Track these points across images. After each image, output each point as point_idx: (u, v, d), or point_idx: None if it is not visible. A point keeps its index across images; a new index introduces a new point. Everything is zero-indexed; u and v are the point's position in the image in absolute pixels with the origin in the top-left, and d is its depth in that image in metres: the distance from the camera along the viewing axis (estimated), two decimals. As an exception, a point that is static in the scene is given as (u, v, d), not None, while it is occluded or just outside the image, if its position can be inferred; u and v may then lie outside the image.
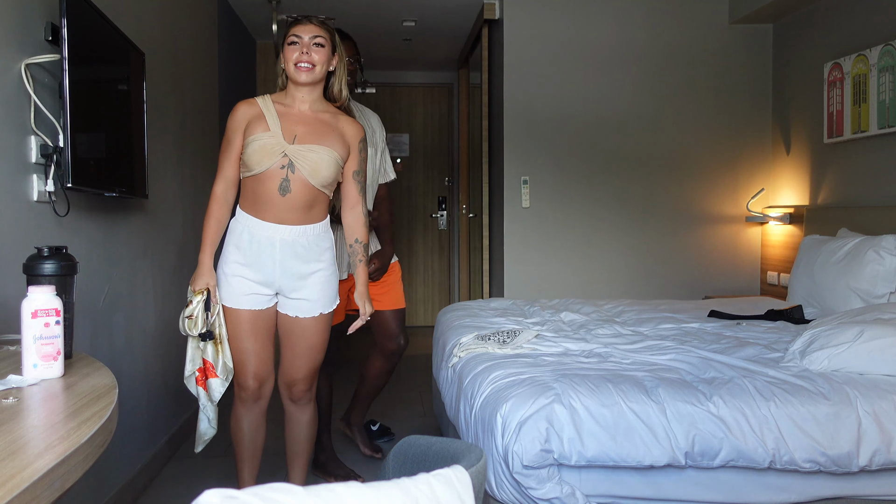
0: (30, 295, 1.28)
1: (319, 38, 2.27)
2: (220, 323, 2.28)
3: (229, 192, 2.31)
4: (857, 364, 2.23)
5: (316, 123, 2.30)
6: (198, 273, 2.27)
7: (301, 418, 2.51)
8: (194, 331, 2.23)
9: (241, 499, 0.80)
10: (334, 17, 2.51)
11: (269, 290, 2.32)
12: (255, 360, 2.33)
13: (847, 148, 3.82)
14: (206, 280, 2.25)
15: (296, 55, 2.24)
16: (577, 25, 4.54)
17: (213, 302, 2.26)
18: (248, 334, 2.31)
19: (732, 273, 4.64)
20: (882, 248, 3.05)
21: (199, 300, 2.23)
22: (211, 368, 2.28)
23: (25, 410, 1.11)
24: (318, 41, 2.27)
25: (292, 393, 2.46)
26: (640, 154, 4.58)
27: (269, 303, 2.34)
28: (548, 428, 1.97)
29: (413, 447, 1.20)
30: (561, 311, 3.45)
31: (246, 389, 2.36)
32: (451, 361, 2.68)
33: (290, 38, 2.27)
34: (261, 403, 2.41)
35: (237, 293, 2.29)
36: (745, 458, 1.99)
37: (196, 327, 2.22)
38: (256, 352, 2.33)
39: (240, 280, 2.28)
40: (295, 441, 2.53)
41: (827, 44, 4.00)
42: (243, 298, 2.29)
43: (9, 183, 1.93)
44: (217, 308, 2.27)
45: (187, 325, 2.23)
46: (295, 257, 2.28)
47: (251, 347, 2.32)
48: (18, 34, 1.97)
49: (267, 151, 2.22)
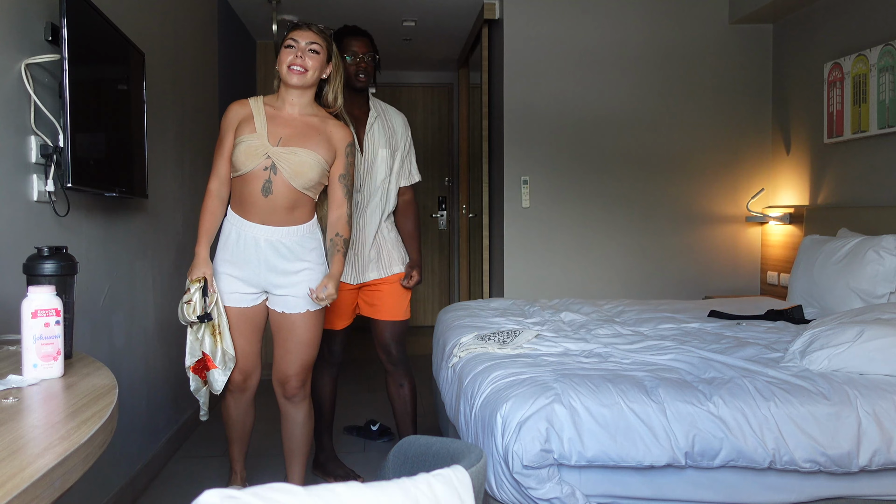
0: (30, 295, 1.28)
1: (315, 44, 2.35)
2: (218, 312, 2.35)
3: (223, 188, 2.40)
4: (857, 364, 2.23)
5: (303, 127, 2.38)
6: (194, 264, 2.36)
7: (296, 416, 2.55)
8: (193, 315, 2.30)
9: (241, 499, 0.80)
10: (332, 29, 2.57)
11: (254, 289, 2.41)
12: (241, 355, 2.44)
13: (847, 148, 3.82)
14: (202, 269, 2.34)
15: (290, 58, 2.33)
16: (578, 25, 4.54)
17: (211, 290, 2.33)
18: (236, 332, 2.41)
19: (732, 273, 4.64)
20: (882, 248, 3.05)
21: (196, 287, 2.32)
22: (210, 360, 2.35)
23: (25, 410, 1.11)
24: (314, 48, 2.35)
25: (286, 390, 2.51)
26: (640, 154, 4.58)
27: (255, 301, 2.43)
28: (548, 428, 1.97)
29: (413, 447, 1.20)
30: (561, 311, 3.45)
31: (232, 382, 2.47)
32: (451, 361, 2.68)
33: (287, 42, 2.36)
34: (247, 393, 2.52)
35: (223, 291, 2.38)
36: (745, 458, 1.98)
37: (195, 312, 2.30)
38: (241, 347, 2.43)
39: (226, 278, 2.38)
40: (291, 439, 2.58)
41: (827, 44, 4.00)
42: (228, 296, 2.39)
43: (9, 183, 1.93)
44: (215, 296, 2.34)
45: (186, 310, 2.30)
46: (279, 257, 2.37)
47: (237, 343, 2.42)
48: (18, 34, 1.97)
49: (251, 152, 2.31)
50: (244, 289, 2.39)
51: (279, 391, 2.53)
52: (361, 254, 2.87)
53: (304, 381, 2.52)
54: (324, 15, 4.98)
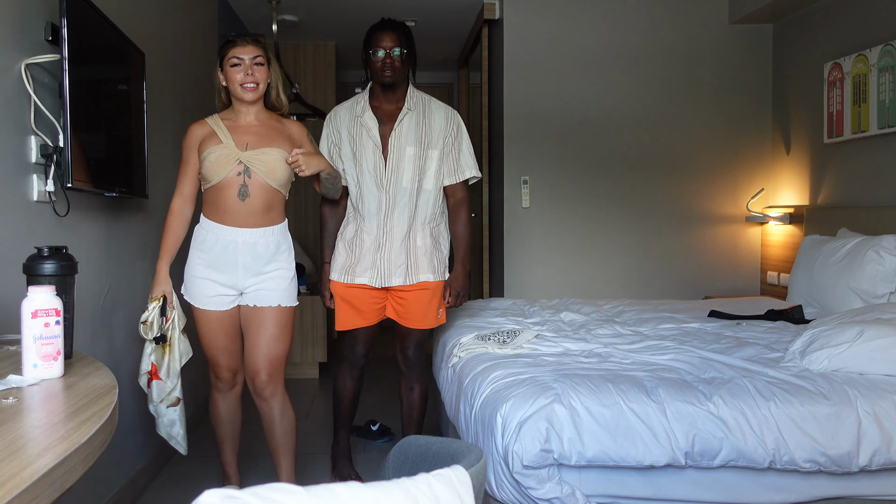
0: (30, 295, 1.28)
1: (259, 56, 2.44)
2: (174, 326, 2.44)
3: (185, 207, 2.51)
4: (857, 364, 2.23)
5: (264, 129, 2.49)
6: (155, 281, 2.46)
7: (270, 412, 2.56)
8: (149, 335, 2.40)
9: (241, 499, 0.80)
10: (264, 34, 2.64)
11: (233, 291, 2.49)
12: (226, 355, 2.55)
13: (847, 148, 3.82)
14: (161, 288, 2.44)
15: (240, 76, 2.42)
16: (577, 25, 4.54)
17: (170, 307, 2.44)
18: (217, 332, 2.51)
19: (732, 273, 4.64)
20: (882, 248, 3.05)
21: (154, 306, 2.41)
22: (155, 371, 2.42)
23: (25, 410, 1.11)
24: (258, 60, 2.43)
25: (255, 385, 2.54)
26: (640, 154, 4.58)
27: (233, 302, 2.52)
28: (548, 428, 1.97)
29: (413, 447, 1.20)
30: (561, 311, 3.45)
31: (222, 380, 2.59)
32: (451, 361, 2.68)
33: (231, 60, 2.43)
34: (235, 390, 2.63)
35: (204, 295, 2.47)
36: (745, 458, 1.98)
37: (151, 331, 2.40)
38: (227, 346, 2.54)
39: (206, 282, 2.46)
40: (271, 436, 2.59)
41: (827, 44, 4.00)
42: (210, 300, 2.47)
43: (9, 183, 1.93)
44: (173, 313, 2.44)
45: (142, 329, 2.40)
46: (256, 258, 2.46)
47: (221, 344, 2.53)
48: (18, 34, 1.97)
49: (222, 161, 2.40)
50: (226, 291, 2.47)
51: (251, 387, 2.56)
52: (387, 258, 2.73)
53: (272, 377, 2.52)
54: (324, 15, 4.98)
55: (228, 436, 2.66)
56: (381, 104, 2.76)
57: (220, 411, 2.63)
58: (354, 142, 2.74)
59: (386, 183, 2.72)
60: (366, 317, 2.80)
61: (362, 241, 2.75)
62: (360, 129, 2.74)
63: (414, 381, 2.94)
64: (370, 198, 2.73)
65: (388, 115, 2.75)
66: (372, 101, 2.78)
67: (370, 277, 2.74)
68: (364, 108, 2.76)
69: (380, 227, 2.73)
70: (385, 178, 2.72)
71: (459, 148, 2.81)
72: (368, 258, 2.74)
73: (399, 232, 2.74)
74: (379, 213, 2.73)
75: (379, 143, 2.72)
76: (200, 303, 2.48)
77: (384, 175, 2.72)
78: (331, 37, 5.65)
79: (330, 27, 5.32)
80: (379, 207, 2.73)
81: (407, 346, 2.89)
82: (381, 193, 2.72)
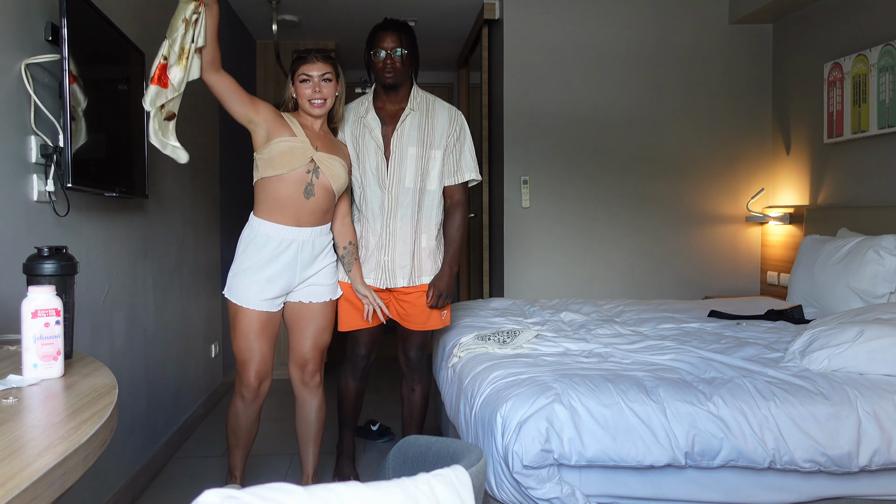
0: (30, 295, 1.28)
1: (328, 73, 2.47)
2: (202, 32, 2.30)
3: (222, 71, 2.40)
4: (857, 364, 2.23)
5: (327, 139, 2.57)
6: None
7: (312, 402, 2.66)
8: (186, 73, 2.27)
9: (241, 499, 0.80)
10: (335, 48, 2.63)
11: (285, 291, 2.51)
12: (259, 360, 2.50)
13: (847, 148, 3.82)
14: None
15: (308, 92, 2.46)
16: (577, 26, 4.54)
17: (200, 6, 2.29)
18: (258, 335, 2.49)
19: (732, 273, 4.64)
20: (882, 248, 3.05)
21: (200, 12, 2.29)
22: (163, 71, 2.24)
23: (25, 410, 1.11)
24: (327, 77, 2.47)
25: (304, 373, 2.63)
26: (640, 154, 4.58)
27: (279, 305, 2.54)
28: (548, 428, 1.97)
29: (413, 447, 1.20)
30: (561, 311, 3.45)
31: (248, 387, 2.53)
32: (451, 361, 2.68)
33: (300, 76, 2.47)
34: (258, 401, 2.58)
35: (254, 296, 2.46)
36: (745, 458, 1.98)
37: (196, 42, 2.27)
38: (262, 351, 2.51)
39: (258, 284, 2.45)
40: (306, 424, 2.68)
41: (827, 44, 4.00)
42: (260, 302, 2.47)
43: (9, 183, 1.93)
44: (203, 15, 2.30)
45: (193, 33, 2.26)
46: (313, 256, 2.52)
47: (257, 347, 2.49)
48: (18, 34, 1.97)
49: (296, 154, 2.42)
50: (277, 292, 2.49)
51: (297, 377, 2.64)
52: (391, 259, 2.73)
53: (319, 365, 2.63)
54: (324, 15, 4.98)
55: (243, 443, 2.62)
56: (384, 105, 2.76)
57: (240, 420, 2.57)
58: (357, 142, 2.74)
59: (388, 183, 2.71)
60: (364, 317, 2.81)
61: (367, 241, 2.75)
62: (363, 130, 2.74)
63: (415, 382, 2.95)
64: (373, 198, 2.73)
65: (392, 116, 2.75)
66: (376, 101, 2.78)
67: (375, 278, 2.75)
68: (368, 108, 2.76)
69: (384, 227, 2.73)
70: (387, 179, 2.71)
71: (461, 149, 2.80)
72: (373, 259, 2.75)
73: (403, 233, 2.73)
74: (382, 213, 2.73)
75: (381, 144, 2.72)
76: (250, 303, 2.44)
77: (386, 175, 2.71)
78: (331, 37, 5.64)
79: (330, 27, 5.32)
80: (382, 208, 2.72)
81: (409, 348, 2.90)
82: (383, 194, 2.72)
